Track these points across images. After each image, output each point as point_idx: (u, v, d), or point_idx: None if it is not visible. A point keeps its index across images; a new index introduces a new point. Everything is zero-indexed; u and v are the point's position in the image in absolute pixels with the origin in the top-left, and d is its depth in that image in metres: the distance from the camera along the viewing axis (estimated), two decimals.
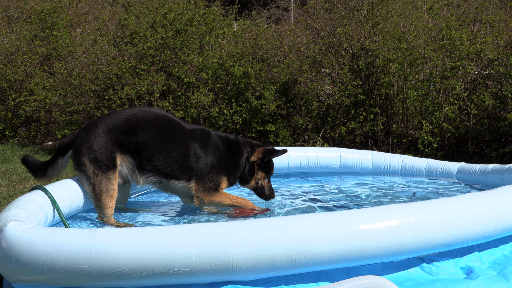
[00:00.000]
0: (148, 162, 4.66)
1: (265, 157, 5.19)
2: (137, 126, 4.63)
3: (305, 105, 11.27)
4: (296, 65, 11.22)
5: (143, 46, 10.77)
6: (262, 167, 5.22)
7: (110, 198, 4.48)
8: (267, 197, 5.27)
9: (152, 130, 4.67)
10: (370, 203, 5.57)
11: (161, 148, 4.67)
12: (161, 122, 4.78)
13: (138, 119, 4.67)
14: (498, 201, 3.87)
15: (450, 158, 9.81)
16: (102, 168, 4.46)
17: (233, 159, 5.05)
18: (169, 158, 4.69)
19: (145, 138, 4.63)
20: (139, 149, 4.63)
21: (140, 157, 4.64)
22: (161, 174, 4.73)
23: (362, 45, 10.91)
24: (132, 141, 4.60)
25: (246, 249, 3.05)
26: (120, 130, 4.58)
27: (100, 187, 4.45)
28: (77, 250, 2.99)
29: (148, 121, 4.69)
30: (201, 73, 10.96)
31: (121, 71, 10.67)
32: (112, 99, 10.73)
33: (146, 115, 4.73)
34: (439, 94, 10.21)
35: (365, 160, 7.45)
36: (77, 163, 4.50)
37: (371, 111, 10.74)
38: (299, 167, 7.34)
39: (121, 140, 4.57)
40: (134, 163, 4.67)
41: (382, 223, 3.29)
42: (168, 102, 10.88)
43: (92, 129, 4.55)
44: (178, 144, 4.74)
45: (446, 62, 9.93)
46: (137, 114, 4.71)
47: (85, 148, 4.47)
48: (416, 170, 7.26)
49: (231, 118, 10.86)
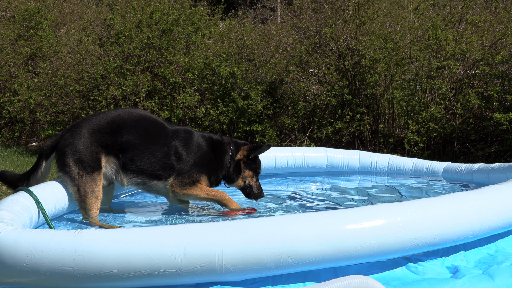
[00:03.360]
0: (132, 162, 4.66)
1: (249, 153, 5.18)
2: (122, 127, 4.62)
3: (292, 105, 11.29)
4: (283, 65, 11.24)
5: (128, 46, 10.74)
6: (248, 165, 5.21)
7: (95, 199, 4.46)
8: (255, 196, 5.25)
9: (136, 131, 4.68)
10: (356, 203, 5.59)
11: (144, 148, 4.67)
12: (145, 123, 4.78)
13: (123, 120, 4.66)
14: (484, 201, 3.90)
15: (436, 157, 9.87)
16: (87, 169, 4.44)
17: (216, 159, 5.04)
18: (152, 158, 4.70)
19: (129, 138, 4.62)
20: (124, 149, 4.63)
21: (125, 158, 4.64)
22: (144, 175, 4.73)
23: (348, 45, 10.94)
24: (116, 141, 4.59)
25: (233, 249, 3.05)
26: (104, 131, 4.57)
27: (85, 188, 4.43)
28: (62, 251, 2.97)
29: (133, 122, 4.70)
30: (187, 73, 10.94)
31: (106, 71, 10.62)
32: (97, 100, 10.69)
33: (131, 116, 4.73)
34: (425, 94, 10.27)
35: (351, 160, 7.47)
36: (61, 165, 4.48)
37: (357, 111, 10.78)
38: (285, 167, 7.34)
39: (106, 141, 4.56)
40: (118, 164, 4.66)
41: (369, 222, 3.30)
42: (154, 102, 10.85)
43: (77, 130, 4.53)
44: (161, 144, 4.75)
45: (432, 62, 9.99)
46: (122, 115, 4.71)
47: (69, 149, 4.44)
48: (403, 170, 7.30)
49: (217, 119, 10.85)
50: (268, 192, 6.14)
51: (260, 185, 5.31)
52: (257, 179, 5.29)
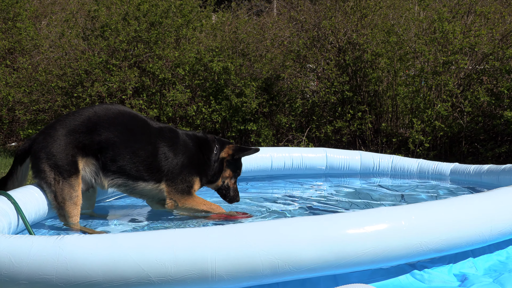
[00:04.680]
0: (113, 162, 4.63)
1: (235, 153, 5.16)
2: (99, 124, 4.59)
3: (289, 102, 11.30)
4: (279, 60, 11.24)
5: (114, 40, 10.72)
6: (231, 164, 5.18)
7: (74, 206, 4.43)
8: (231, 199, 5.24)
9: (116, 128, 4.64)
10: (358, 206, 5.59)
11: (126, 147, 4.64)
12: (125, 119, 4.75)
13: (100, 117, 4.63)
14: (494, 204, 3.90)
15: (443, 158, 9.89)
16: (64, 174, 4.42)
17: (204, 158, 5.04)
18: (135, 157, 4.66)
19: (109, 136, 4.59)
20: (103, 148, 4.59)
21: (105, 158, 4.60)
22: (127, 176, 4.69)
23: (349, 38, 10.96)
24: (94, 140, 4.55)
25: (226, 256, 3.04)
26: (80, 131, 4.54)
27: (63, 194, 4.40)
28: (43, 259, 2.96)
29: (111, 118, 4.66)
30: (177, 68, 10.93)
31: (90, 66, 10.61)
32: (81, 97, 10.66)
33: (108, 112, 4.69)
34: (431, 90, 10.29)
35: (353, 161, 7.48)
36: (36, 170, 4.46)
37: (359, 108, 10.79)
38: (282, 168, 7.34)
39: (83, 141, 4.53)
40: (97, 165, 4.63)
41: (371, 227, 3.30)
42: (142, 100, 10.84)
43: (50, 132, 4.50)
44: (145, 143, 4.72)
45: (438, 57, 10.01)
46: (98, 111, 4.67)
47: (43, 154, 4.42)
48: (407, 171, 7.31)
49: (209, 117, 10.85)
50: (264, 195, 6.15)
51: (237, 188, 5.32)
52: (235, 181, 5.29)
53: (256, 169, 7.15)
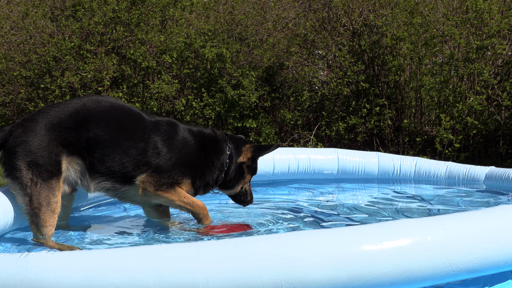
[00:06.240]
0: (101, 163, 4.64)
1: (256, 155, 5.24)
2: (88, 119, 4.60)
3: (294, 95, 11.30)
4: (283, 45, 11.23)
5: (89, 21, 10.72)
6: (251, 169, 5.26)
7: (51, 214, 4.43)
8: (247, 202, 5.39)
9: (106, 124, 4.65)
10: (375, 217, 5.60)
11: (117, 145, 4.65)
12: (118, 114, 4.77)
13: (89, 110, 4.64)
14: None
15: (476, 161, 9.90)
16: (43, 174, 4.41)
17: (207, 159, 5.05)
18: (125, 157, 4.68)
19: (98, 133, 4.60)
20: (91, 147, 4.60)
21: (92, 157, 4.62)
22: (116, 178, 4.71)
23: (365, 20, 10.96)
24: (82, 138, 4.56)
25: (221, 275, 3.04)
26: (67, 126, 4.54)
27: (39, 199, 4.39)
28: (4, 280, 2.96)
29: (102, 113, 4.68)
30: (163, 55, 10.93)
31: (60, 52, 10.60)
32: (50, 89, 10.67)
33: (99, 105, 4.71)
34: (462, 81, 10.29)
35: (369, 164, 7.48)
36: (10, 168, 4.44)
37: (376, 102, 10.79)
38: (286, 173, 7.34)
39: (68, 138, 4.53)
40: (84, 165, 4.64)
41: (391, 242, 3.30)
42: (122, 92, 10.85)
43: (31, 125, 4.50)
44: (137, 140, 4.73)
45: (471, 41, 10.01)
46: (88, 104, 4.69)
47: (21, 149, 4.42)
48: (434, 176, 7.30)
49: (201, 112, 10.85)
50: (264, 205, 6.15)
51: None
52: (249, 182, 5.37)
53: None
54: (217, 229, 4.94)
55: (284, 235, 3.37)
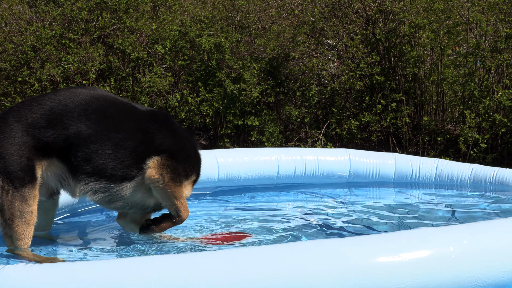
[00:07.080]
0: (88, 162, 4.60)
1: None
2: (66, 115, 4.57)
3: (301, 90, 11.31)
4: (288, 34, 11.24)
5: (71, 7, 10.73)
6: None
7: (25, 225, 4.42)
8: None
9: (88, 117, 4.61)
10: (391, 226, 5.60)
11: (106, 139, 4.60)
12: (101, 105, 4.74)
13: (66, 105, 4.61)
14: None
15: (506, 163, 9.89)
16: (15, 182, 4.40)
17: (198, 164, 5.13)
18: (120, 150, 4.64)
19: (80, 129, 4.56)
20: (73, 146, 4.56)
21: (75, 157, 4.57)
22: (108, 177, 4.66)
23: (380, 5, 10.96)
24: (59, 137, 4.53)
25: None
26: (40, 125, 4.52)
27: (12, 209, 4.39)
28: None
29: (81, 105, 4.64)
30: (155, 45, 10.94)
31: (40, 41, 10.61)
32: (28, 82, 10.67)
33: (77, 98, 4.67)
34: (489, 73, 10.29)
35: (384, 166, 7.48)
36: None
37: (392, 98, 10.80)
38: (292, 176, 7.34)
39: (44, 139, 4.51)
40: (65, 168, 4.61)
41: (409, 254, 3.31)
42: (109, 86, 10.85)
43: (1, 126, 4.50)
44: (133, 130, 4.71)
45: (500, 29, 10.00)
46: (63, 98, 4.64)
47: None
48: (457, 180, 7.30)
49: (197, 109, 10.85)
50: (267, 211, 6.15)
51: None
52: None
53: (258, 176, 7.14)
54: (213, 238, 4.96)
55: (286, 246, 3.38)
